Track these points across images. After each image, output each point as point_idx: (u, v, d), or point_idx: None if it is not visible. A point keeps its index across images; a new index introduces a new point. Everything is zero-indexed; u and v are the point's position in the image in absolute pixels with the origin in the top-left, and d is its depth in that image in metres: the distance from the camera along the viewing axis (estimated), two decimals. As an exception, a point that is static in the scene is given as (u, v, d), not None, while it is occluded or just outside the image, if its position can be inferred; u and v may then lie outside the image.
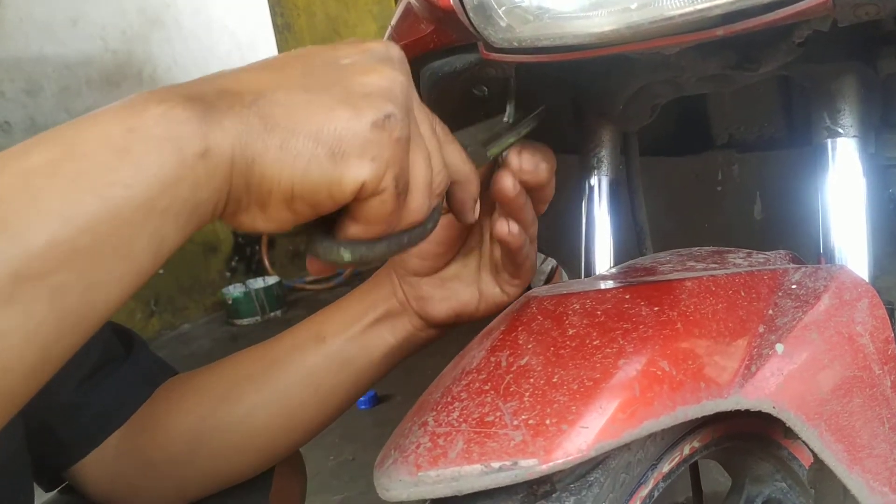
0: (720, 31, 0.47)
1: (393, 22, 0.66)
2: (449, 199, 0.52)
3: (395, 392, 2.54)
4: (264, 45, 5.43)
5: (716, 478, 1.26)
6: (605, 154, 0.71)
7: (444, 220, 0.64)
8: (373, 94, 0.41)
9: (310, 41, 5.19)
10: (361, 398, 2.55)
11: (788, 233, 0.84)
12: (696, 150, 0.89)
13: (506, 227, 0.60)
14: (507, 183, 0.58)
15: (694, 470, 0.78)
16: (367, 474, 2.19)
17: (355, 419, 2.42)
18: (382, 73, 0.43)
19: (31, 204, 0.34)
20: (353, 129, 0.40)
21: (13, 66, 4.07)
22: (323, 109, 0.40)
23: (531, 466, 0.40)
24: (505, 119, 0.61)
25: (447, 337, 0.73)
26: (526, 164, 0.59)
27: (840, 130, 0.59)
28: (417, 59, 0.64)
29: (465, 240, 0.68)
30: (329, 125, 0.40)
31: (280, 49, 5.35)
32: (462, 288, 0.68)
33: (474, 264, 0.69)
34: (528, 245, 0.63)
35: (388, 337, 0.70)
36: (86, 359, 0.72)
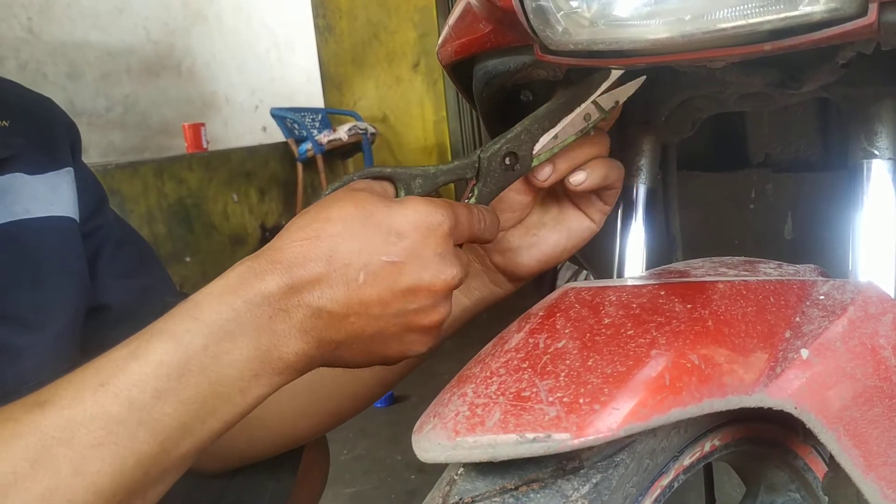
0: (768, 47, 0.50)
1: (451, 21, 0.68)
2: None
3: (411, 393, 2.57)
4: (303, 45, 5.48)
5: (729, 492, 1.28)
6: (644, 163, 0.74)
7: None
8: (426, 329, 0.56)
9: (350, 44, 5.24)
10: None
11: (817, 254, 0.85)
12: (731, 167, 0.92)
13: (577, 180, 0.66)
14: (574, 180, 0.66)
15: (708, 476, 0.79)
16: (379, 469, 2.24)
17: (370, 417, 2.45)
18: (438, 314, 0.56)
19: None
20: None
21: (57, 51, 4.14)
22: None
23: (564, 440, 0.42)
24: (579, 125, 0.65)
25: (465, 343, 0.74)
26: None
27: (876, 152, 0.61)
28: (472, 58, 0.66)
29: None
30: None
31: (319, 50, 5.41)
32: (547, 232, 0.71)
33: (555, 208, 0.71)
34: (607, 172, 0.67)
35: (462, 299, 0.72)
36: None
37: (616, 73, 0.63)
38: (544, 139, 0.63)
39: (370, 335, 0.54)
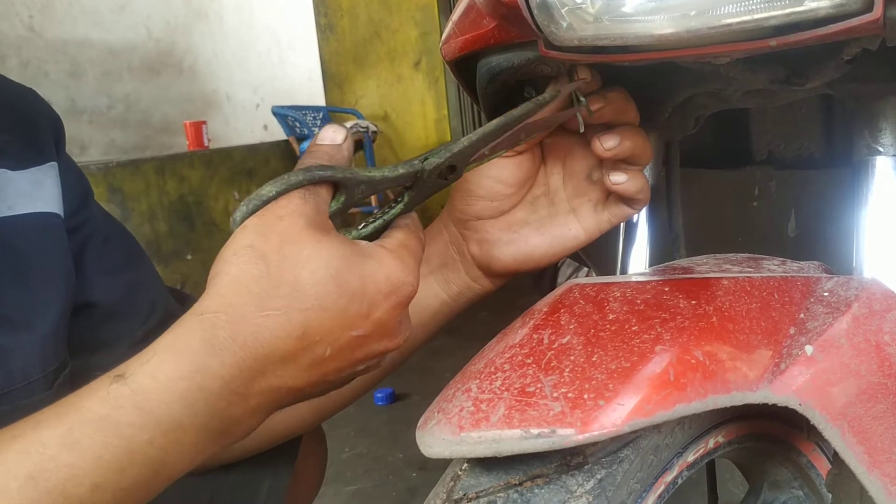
0: (773, 42, 0.50)
1: (454, 17, 0.68)
2: None
3: (411, 392, 2.57)
4: (304, 43, 5.49)
5: (731, 490, 1.28)
6: (647, 160, 0.73)
7: (512, 161, 0.66)
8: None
9: (351, 42, 5.25)
10: (379, 395, 2.58)
11: (820, 250, 0.85)
12: (734, 164, 0.91)
13: (620, 179, 0.65)
14: (599, 146, 0.64)
15: (711, 473, 0.79)
16: (380, 468, 2.24)
17: (371, 415, 2.45)
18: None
19: None
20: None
21: (59, 49, 4.15)
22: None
23: (568, 435, 0.42)
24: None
25: (465, 341, 0.73)
26: (594, 105, 0.64)
27: (880, 149, 0.61)
28: (476, 54, 0.66)
29: (531, 184, 0.69)
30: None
31: (321, 49, 5.41)
32: (530, 233, 0.69)
33: (544, 210, 0.69)
34: (636, 141, 0.65)
35: (440, 292, 0.70)
36: (152, 314, 0.75)
37: (566, 90, 0.62)
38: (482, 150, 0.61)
39: (319, 391, 0.52)
